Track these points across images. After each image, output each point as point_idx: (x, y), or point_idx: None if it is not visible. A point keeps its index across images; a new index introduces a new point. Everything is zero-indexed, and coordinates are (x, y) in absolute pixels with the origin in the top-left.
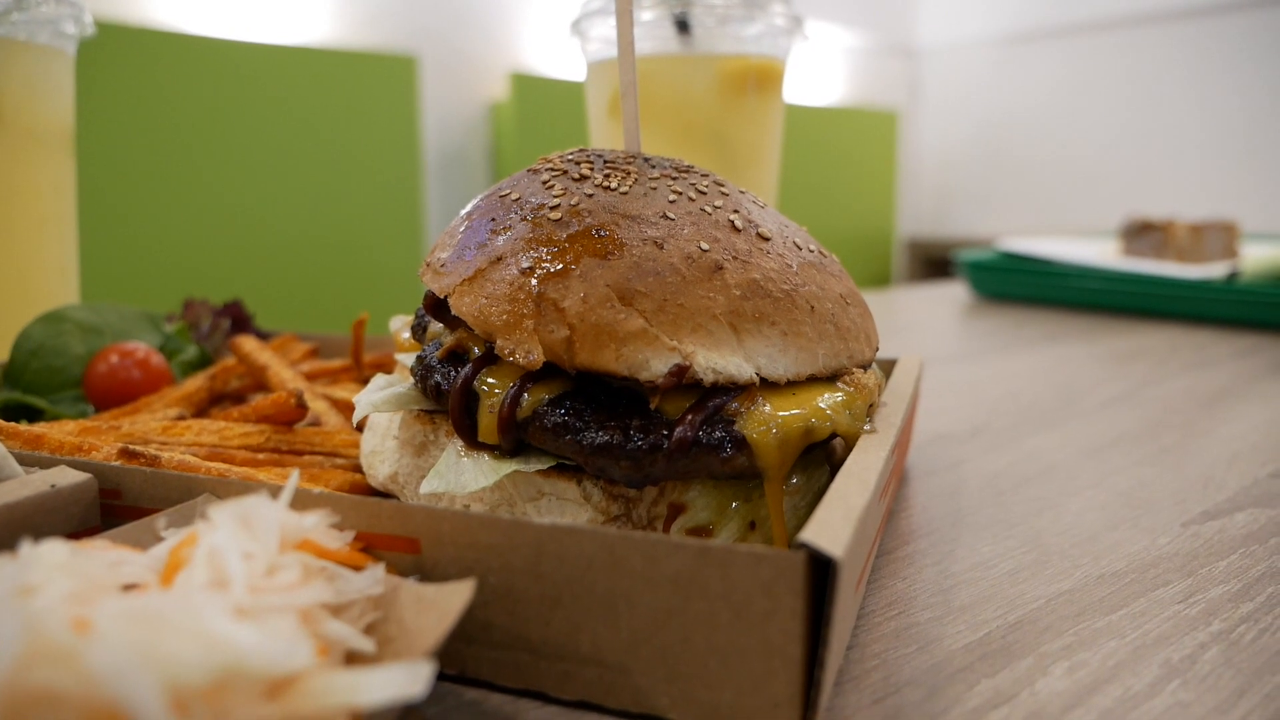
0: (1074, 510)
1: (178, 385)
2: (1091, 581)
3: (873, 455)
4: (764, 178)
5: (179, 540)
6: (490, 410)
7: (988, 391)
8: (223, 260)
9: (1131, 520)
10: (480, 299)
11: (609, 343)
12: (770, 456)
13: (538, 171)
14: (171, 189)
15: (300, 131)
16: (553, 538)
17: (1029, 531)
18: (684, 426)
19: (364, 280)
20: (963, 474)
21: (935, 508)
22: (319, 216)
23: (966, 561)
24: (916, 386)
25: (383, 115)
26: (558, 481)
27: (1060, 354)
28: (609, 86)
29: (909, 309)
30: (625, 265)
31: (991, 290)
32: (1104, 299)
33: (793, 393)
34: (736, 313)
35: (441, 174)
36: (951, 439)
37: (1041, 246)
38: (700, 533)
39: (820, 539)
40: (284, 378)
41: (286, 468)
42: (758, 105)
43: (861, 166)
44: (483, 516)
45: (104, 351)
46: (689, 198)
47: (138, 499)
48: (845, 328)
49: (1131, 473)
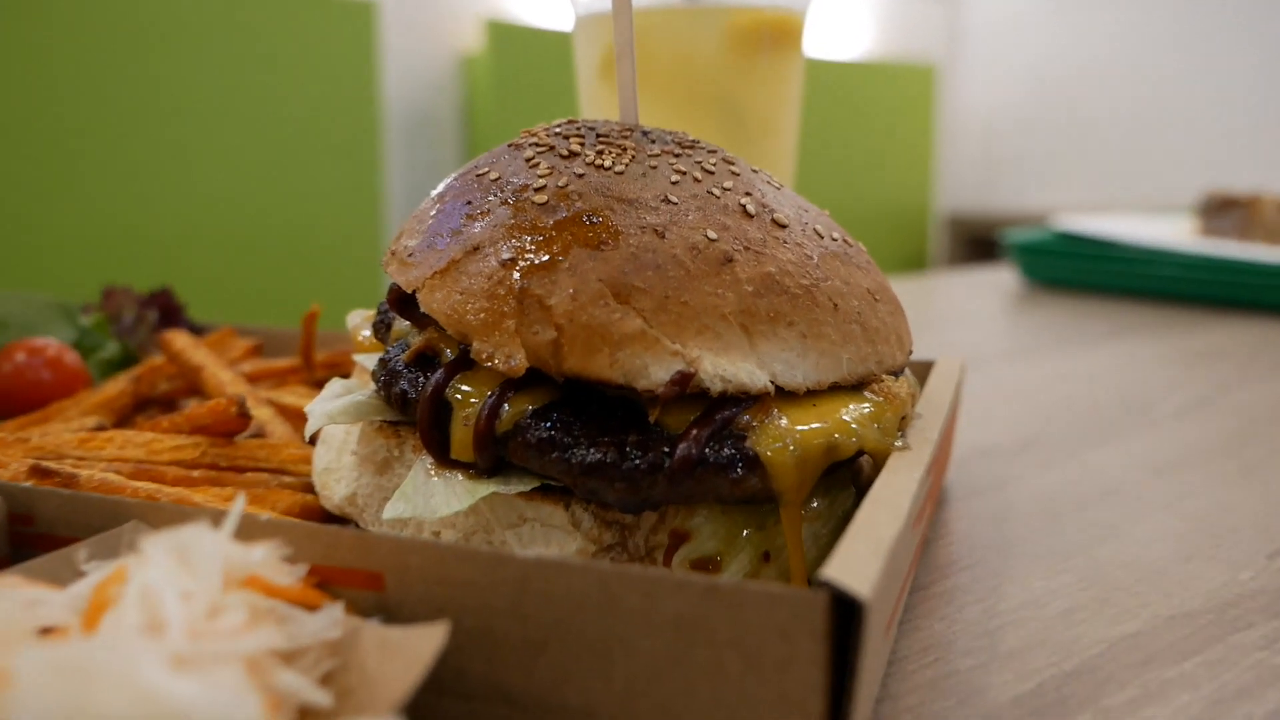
0: (1140, 539)
1: (96, 388)
2: (1161, 623)
3: (905, 477)
4: (779, 151)
5: (104, 576)
6: (465, 423)
7: (1040, 397)
8: (148, 239)
9: (1208, 551)
10: (454, 294)
11: (602, 346)
12: (787, 478)
13: (520, 147)
14: (86, 156)
15: (240, 89)
16: (538, 573)
17: (1088, 563)
18: (688, 443)
19: (314, 263)
20: (1010, 495)
21: (979, 535)
22: (262, 189)
23: (1015, 599)
24: (957, 394)
25: (336, 70)
26: (542, 505)
27: (1125, 353)
28: (601, 44)
29: (948, 298)
30: (621, 257)
31: (1045, 276)
32: (1177, 288)
33: (813, 404)
34: (748, 312)
35: (405, 139)
36: (997, 453)
37: (1103, 226)
38: (706, 565)
39: (845, 576)
40: (222, 380)
41: (227, 488)
42: (772, 67)
43: (893, 131)
44: (456, 548)
45: (8, 349)
46: (694, 178)
47: (52, 525)
48: (873, 328)
49: (1208, 495)
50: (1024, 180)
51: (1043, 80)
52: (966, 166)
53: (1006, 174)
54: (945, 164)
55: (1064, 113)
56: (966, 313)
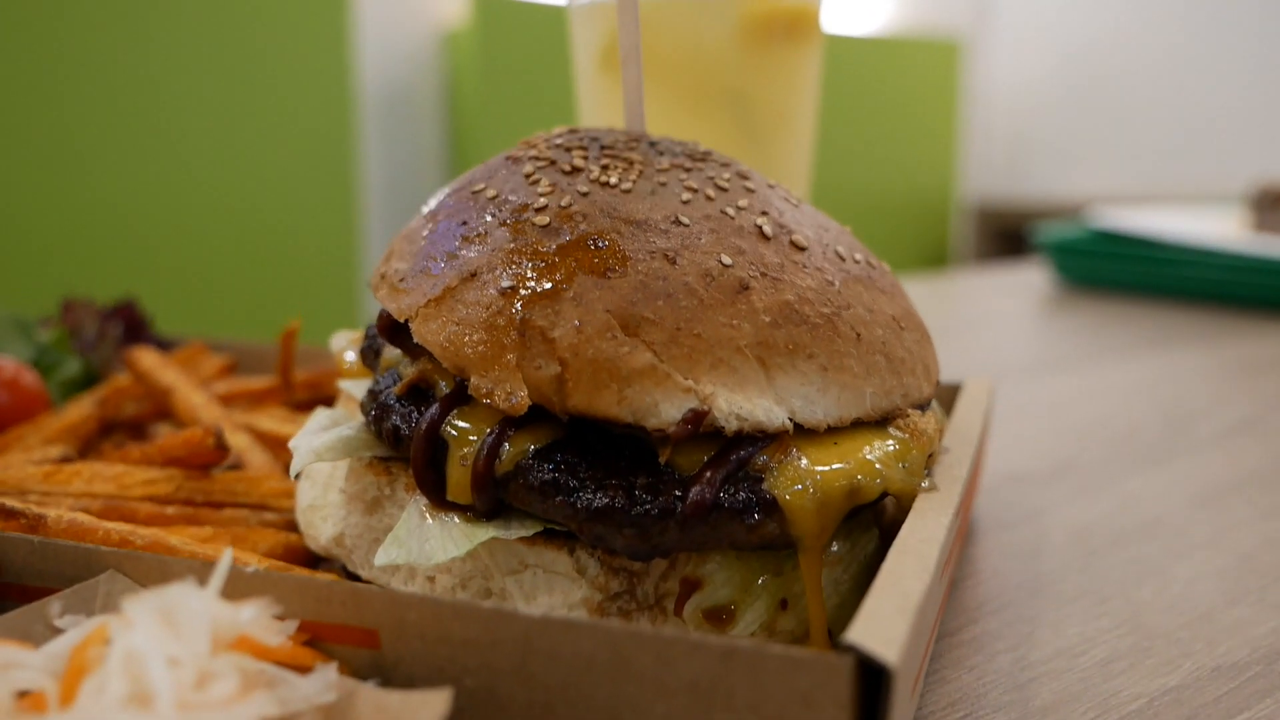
0: (1183, 578)
1: (57, 412)
2: (1205, 676)
3: (933, 523)
4: (794, 149)
5: (82, 636)
6: (462, 463)
7: (1075, 415)
8: (105, 240)
9: (1257, 593)
10: (450, 325)
11: (609, 382)
12: (807, 523)
13: (519, 160)
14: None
15: (201, 66)
16: (544, 632)
17: (1126, 607)
18: (701, 486)
19: (285, 257)
20: (1044, 527)
21: (1010, 573)
22: (226, 175)
23: (1049, 647)
24: (986, 421)
25: (306, 46)
26: (545, 551)
27: (1167, 364)
28: (601, 34)
29: (975, 299)
30: (629, 285)
31: (1080, 276)
32: (1224, 290)
33: (834, 442)
34: (766, 344)
35: (382, 121)
36: (1030, 481)
37: (1144, 221)
38: (720, 613)
39: (871, 640)
40: (194, 403)
41: (205, 527)
42: (787, 59)
43: (916, 111)
44: (456, 604)
45: None
46: (706, 195)
47: (21, 575)
48: (899, 359)
49: (1257, 528)
50: (1056, 166)
51: (1077, 56)
52: (994, 151)
53: (1037, 159)
54: (971, 148)
55: (1100, 92)
56: (995, 317)
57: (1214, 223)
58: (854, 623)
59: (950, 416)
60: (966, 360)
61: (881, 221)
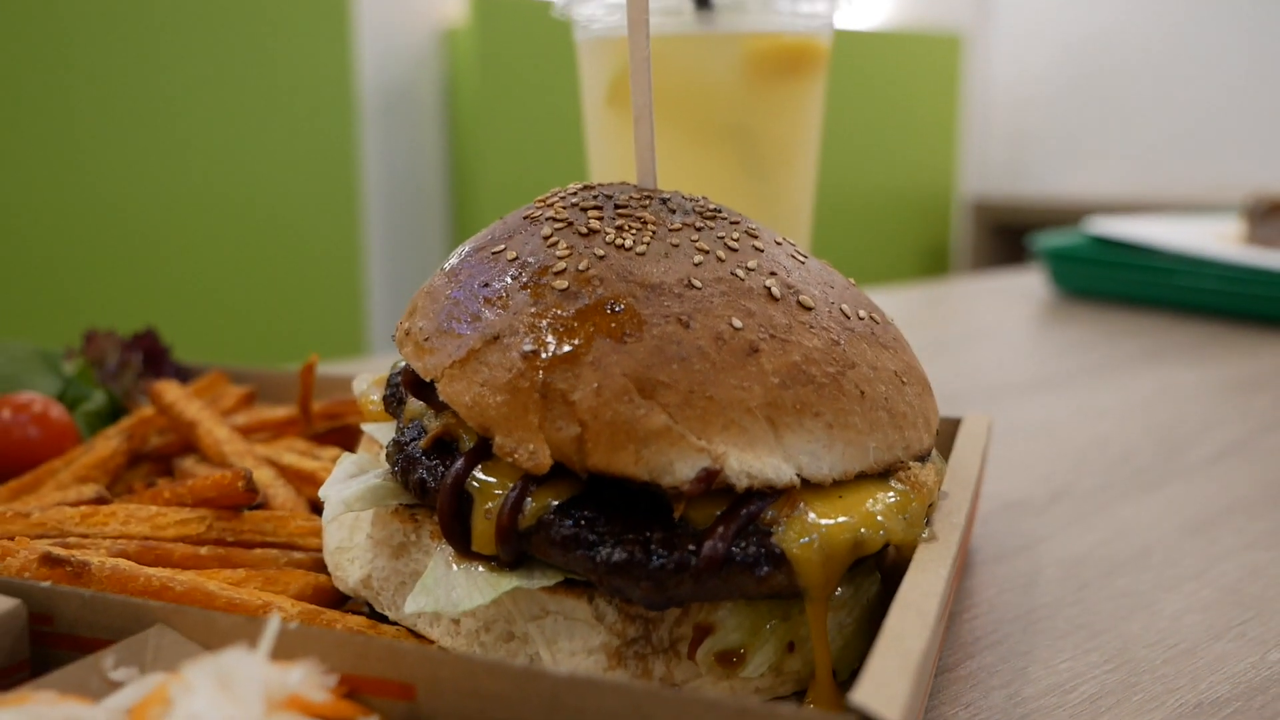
0: (1170, 612)
1: (87, 446)
2: (1187, 712)
3: (932, 576)
4: (797, 183)
5: (141, 695)
6: (487, 516)
7: (1071, 437)
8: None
9: (1239, 627)
10: (475, 386)
11: (627, 443)
12: (814, 575)
13: (537, 221)
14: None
15: (202, 65)
16: (570, 689)
17: (1116, 641)
18: (714, 540)
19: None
20: (1039, 558)
21: (1005, 606)
22: (227, 174)
23: (1041, 683)
24: (984, 459)
25: (308, 45)
26: (565, 599)
27: (1162, 381)
28: (607, 69)
29: (973, 308)
30: (645, 349)
31: (1077, 286)
32: (1218, 301)
33: (839, 495)
34: (774, 404)
35: (382, 119)
36: (1026, 508)
37: (1140, 230)
38: (731, 656)
39: (875, 701)
40: (218, 438)
41: (238, 570)
42: (791, 94)
43: (915, 107)
44: (488, 662)
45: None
46: (717, 257)
47: (73, 626)
48: (900, 414)
49: (1242, 558)
50: (1057, 162)
51: (1078, 52)
52: (994, 146)
53: (1037, 157)
54: (971, 144)
55: (1101, 88)
56: (992, 329)
57: (1209, 231)
58: (859, 683)
59: (950, 453)
60: (964, 378)
61: (882, 218)
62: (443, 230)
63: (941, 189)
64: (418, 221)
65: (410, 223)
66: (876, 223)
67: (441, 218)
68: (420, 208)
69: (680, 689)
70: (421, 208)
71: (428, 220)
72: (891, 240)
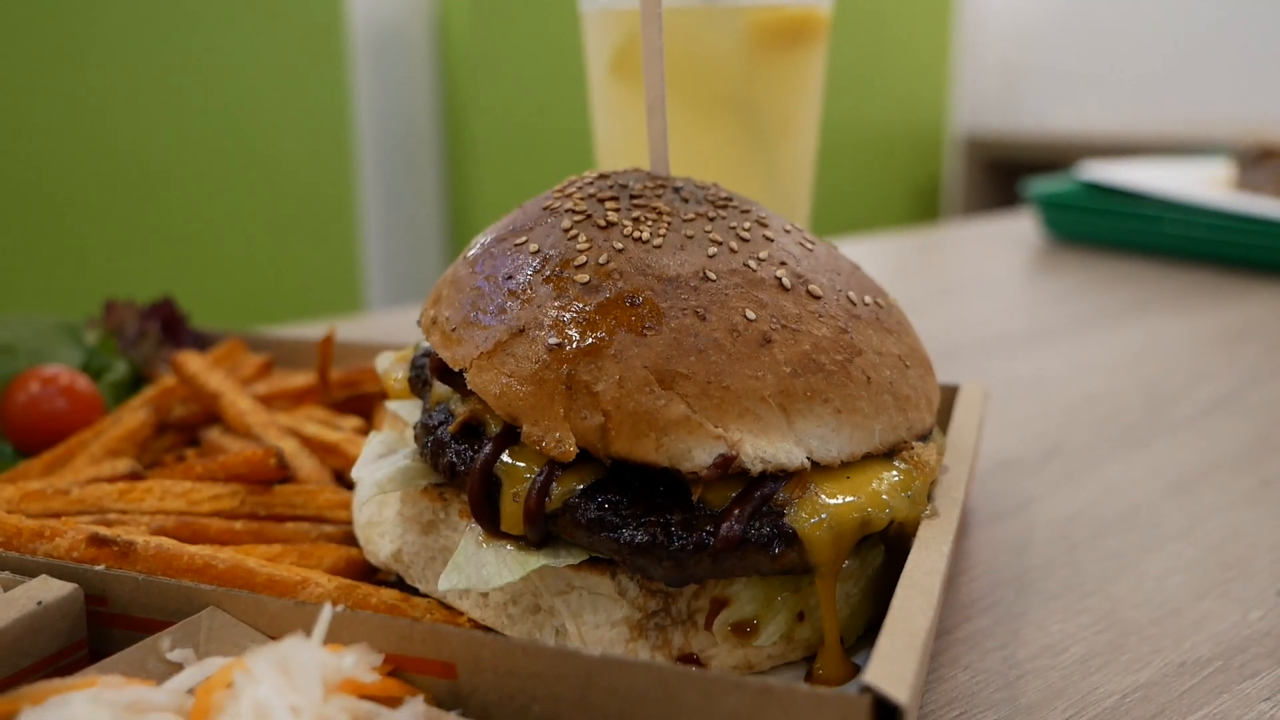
0: (1156, 572)
1: (114, 418)
2: (1172, 672)
3: (934, 554)
4: (799, 153)
5: (202, 677)
6: (515, 499)
7: (1062, 393)
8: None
9: (1222, 586)
10: (502, 377)
11: (648, 431)
12: (824, 552)
13: (556, 213)
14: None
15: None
16: (603, 669)
17: (1105, 602)
18: (730, 521)
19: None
20: (1032, 518)
21: (1001, 568)
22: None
23: (1034, 644)
24: (980, 427)
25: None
26: (590, 575)
27: (1151, 332)
28: (611, 41)
29: (965, 256)
30: (664, 342)
31: (1069, 232)
32: (1208, 249)
33: (846, 475)
34: (787, 392)
35: (374, 61)
36: (1020, 467)
37: (1131, 175)
38: (745, 626)
39: (885, 681)
40: (241, 409)
41: (274, 545)
42: (794, 65)
43: (905, 39)
44: (525, 644)
45: (21, 379)
46: (730, 248)
47: (127, 607)
48: (904, 396)
49: (1226, 516)
50: (1051, 94)
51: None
52: (987, 78)
53: (1031, 88)
54: (963, 76)
55: (1097, 21)
56: (984, 277)
57: (1202, 175)
58: (870, 663)
59: (949, 422)
60: (957, 331)
61: (873, 154)
62: (435, 168)
63: (932, 124)
64: (411, 160)
65: (403, 162)
66: (867, 160)
67: (434, 155)
68: (413, 147)
69: (706, 669)
70: (414, 147)
71: (421, 159)
72: (883, 178)
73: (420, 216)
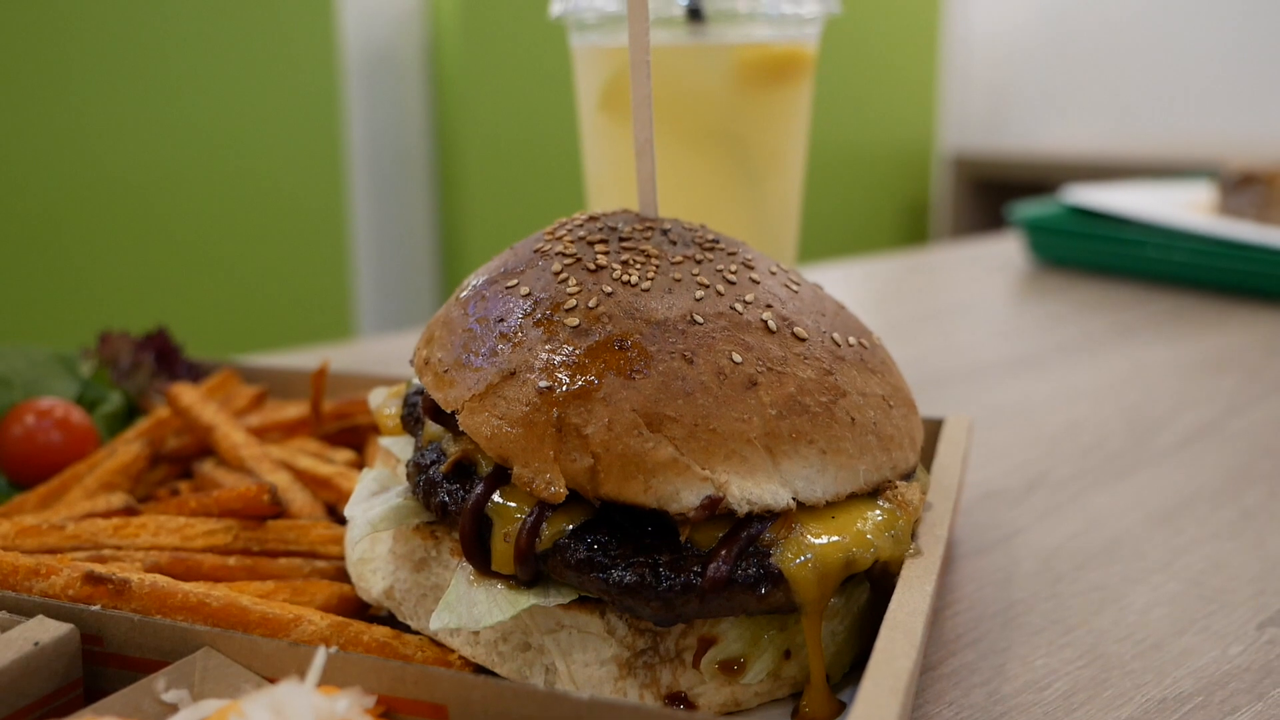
0: (1138, 606)
1: (109, 450)
2: (1153, 708)
3: (918, 594)
4: (785, 188)
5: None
6: (505, 539)
7: (1046, 421)
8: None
9: (1202, 620)
10: (493, 419)
11: (636, 474)
12: (809, 591)
13: (547, 256)
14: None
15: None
16: (592, 712)
17: (1088, 637)
18: (717, 562)
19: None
20: (1015, 551)
21: (985, 602)
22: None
23: (1019, 680)
24: (964, 460)
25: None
26: (579, 614)
27: (1134, 360)
28: (600, 76)
29: (950, 279)
30: (652, 385)
31: (1054, 255)
32: (1191, 273)
33: (831, 515)
34: (772, 434)
35: (366, 81)
36: (1004, 498)
37: (1116, 199)
38: (732, 664)
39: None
40: (235, 442)
41: (267, 582)
42: (780, 100)
43: (893, 58)
44: (516, 687)
45: (16, 412)
46: (717, 291)
47: (122, 647)
48: (888, 436)
49: (1206, 549)
50: (1038, 114)
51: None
52: (974, 98)
53: (1018, 107)
54: (950, 96)
55: (1083, 41)
56: (969, 302)
57: (1186, 196)
58: (853, 706)
59: (933, 457)
60: (943, 357)
61: (861, 172)
62: (427, 191)
63: (920, 144)
64: (402, 183)
65: (395, 184)
66: (855, 180)
67: (426, 178)
68: (404, 169)
69: (695, 709)
70: (405, 169)
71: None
72: (871, 197)
73: (411, 239)
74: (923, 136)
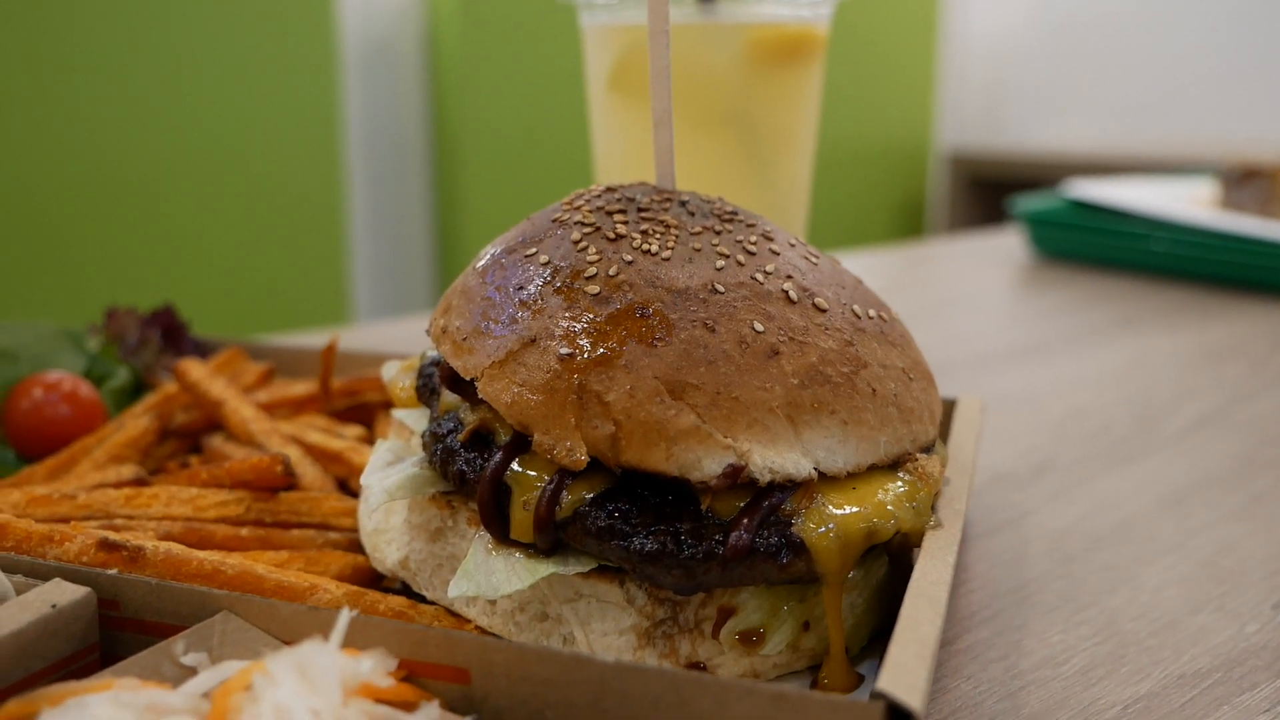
0: (1152, 586)
1: (117, 424)
2: (1172, 683)
3: (940, 564)
4: (796, 169)
5: (216, 681)
6: (525, 507)
7: (1052, 409)
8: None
9: (1217, 600)
10: (514, 386)
11: (658, 441)
12: (831, 562)
13: (566, 225)
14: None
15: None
16: (616, 675)
17: (1103, 614)
18: (739, 531)
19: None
20: (1026, 532)
21: (999, 580)
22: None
23: (1035, 655)
24: (978, 439)
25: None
26: (598, 584)
27: (1138, 350)
28: (611, 55)
29: (952, 272)
30: (674, 353)
31: (1055, 249)
32: (1194, 266)
33: (852, 486)
34: (794, 403)
35: (364, 72)
36: (1013, 481)
37: (1117, 193)
38: (751, 635)
39: (898, 688)
40: (244, 416)
41: (280, 551)
42: (790, 81)
43: (891, 55)
44: (539, 650)
45: (24, 385)
46: (737, 261)
47: (139, 611)
48: (908, 409)
49: (1216, 532)
50: (1035, 112)
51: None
52: (971, 96)
53: (1016, 106)
54: (948, 94)
55: (1083, 38)
56: (972, 294)
57: (1187, 191)
58: (882, 671)
59: (948, 435)
60: (948, 347)
61: (858, 171)
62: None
63: (918, 142)
64: (400, 173)
65: (393, 174)
66: (853, 176)
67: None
68: (402, 159)
69: (719, 676)
70: (403, 159)
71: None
72: (869, 194)
73: (408, 228)
74: (920, 134)
